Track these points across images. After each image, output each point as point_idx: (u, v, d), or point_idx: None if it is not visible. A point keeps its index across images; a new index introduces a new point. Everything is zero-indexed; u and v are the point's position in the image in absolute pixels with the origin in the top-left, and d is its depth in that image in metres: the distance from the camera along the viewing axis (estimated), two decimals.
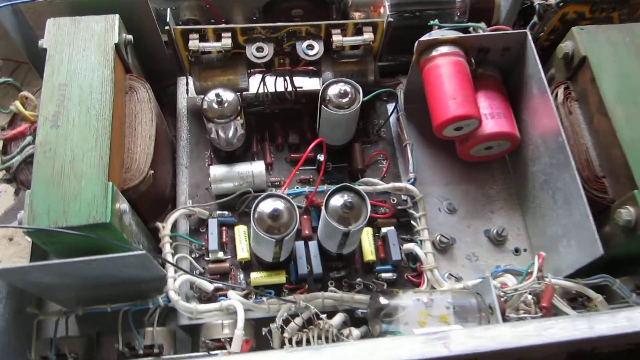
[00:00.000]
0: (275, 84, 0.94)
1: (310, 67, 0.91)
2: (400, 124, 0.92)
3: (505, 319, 0.66)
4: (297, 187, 0.88)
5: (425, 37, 0.83)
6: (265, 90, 0.94)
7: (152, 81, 0.99)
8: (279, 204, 0.71)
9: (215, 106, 0.79)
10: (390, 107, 0.97)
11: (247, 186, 0.85)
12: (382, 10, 0.91)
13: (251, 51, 0.84)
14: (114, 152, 0.72)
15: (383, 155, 0.92)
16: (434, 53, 0.83)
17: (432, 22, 0.87)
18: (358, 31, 0.85)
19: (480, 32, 0.87)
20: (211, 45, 0.83)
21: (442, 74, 0.81)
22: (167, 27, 0.81)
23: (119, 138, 0.76)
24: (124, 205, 0.71)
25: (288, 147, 0.92)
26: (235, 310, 0.73)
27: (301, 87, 0.96)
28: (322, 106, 0.81)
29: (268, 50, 0.84)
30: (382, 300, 0.68)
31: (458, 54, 0.82)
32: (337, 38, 0.84)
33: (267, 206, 0.71)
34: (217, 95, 0.79)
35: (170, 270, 0.76)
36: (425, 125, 0.92)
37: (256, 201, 0.72)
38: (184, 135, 0.92)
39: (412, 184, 0.86)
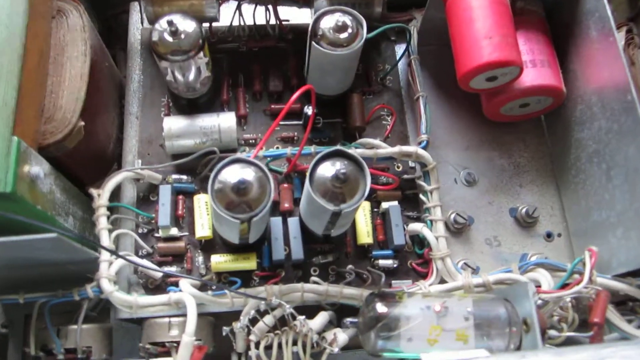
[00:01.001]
0: (255, 14, 0.74)
1: None
2: (412, 71, 0.72)
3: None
4: (277, 148, 0.69)
5: None
6: (242, 23, 0.73)
7: (99, 5, 0.79)
8: (248, 173, 0.53)
9: (168, 38, 0.59)
10: (400, 49, 0.77)
11: (211, 144, 0.66)
12: None
13: None
14: (26, 96, 0.54)
15: (388, 110, 0.73)
16: None
17: None
18: None
19: None
20: None
21: (474, 5, 0.61)
22: None
23: (36, 77, 0.57)
24: (36, 168, 0.53)
25: (268, 96, 0.72)
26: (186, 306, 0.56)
27: (287, 20, 0.75)
28: (313, 43, 0.62)
29: None
30: (380, 308, 0.50)
31: None
32: None
33: (231, 175, 0.53)
34: (170, 23, 0.59)
35: (105, 253, 0.58)
36: (443, 74, 0.72)
37: (217, 167, 0.53)
38: (136, 76, 0.72)
39: (424, 147, 0.68)
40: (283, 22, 0.74)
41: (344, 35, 0.61)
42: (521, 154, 0.74)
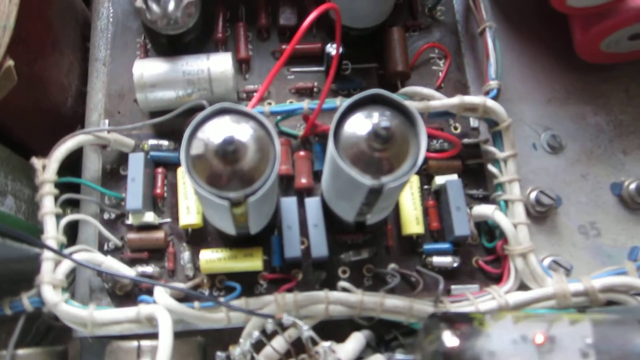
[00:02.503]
0: None
1: None
2: None
3: None
4: (291, 102, 0.51)
5: None
6: None
7: None
8: (242, 130, 0.35)
9: None
10: None
11: (199, 96, 0.48)
12: None
13: None
14: None
15: (440, 51, 0.54)
16: None
17: None
18: None
19: None
20: None
21: None
22: None
23: None
24: None
25: (278, 33, 0.54)
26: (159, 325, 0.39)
27: None
28: None
29: None
30: (450, 340, 0.32)
31: None
32: None
33: (215, 132, 0.34)
34: None
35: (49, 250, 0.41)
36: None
37: (194, 119, 0.35)
38: (104, 10, 0.54)
39: (494, 98, 0.49)
40: None
41: None
42: (624, 108, 0.54)
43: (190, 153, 0.35)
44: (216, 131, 0.34)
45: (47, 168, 0.44)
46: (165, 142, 0.49)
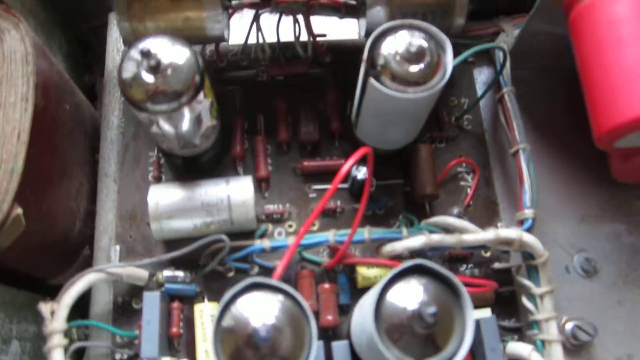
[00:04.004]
0: (278, 28, 0.53)
1: None
2: (506, 110, 0.50)
3: None
4: (314, 227, 0.48)
5: None
6: (260, 40, 0.52)
7: (68, 15, 0.58)
8: (274, 316, 0.32)
9: (145, 77, 0.38)
10: (480, 74, 0.55)
11: (218, 228, 0.45)
12: None
13: None
14: None
15: (468, 165, 0.52)
16: None
17: None
18: None
19: None
20: None
21: (627, 17, 0.39)
22: None
23: None
24: None
25: (299, 147, 0.51)
26: None
27: (324, 35, 0.54)
28: (371, 79, 0.40)
29: None
30: None
31: None
32: None
33: (242, 319, 0.32)
34: (147, 54, 0.37)
35: None
36: (542, 109, 0.52)
37: (222, 301, 0.32)
38: (115, 119, 0.52)
39: (530, 229, 0.46)
40: (318, 39, 0.53)
41: (418, 66, 0.40)
42: None
43: (218, 339, 0.32)
44: (243, 320, 0.32)
45: (56, 316, 0.41)
46: (180, 274, 0.46)
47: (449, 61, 0.40)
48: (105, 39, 0.57)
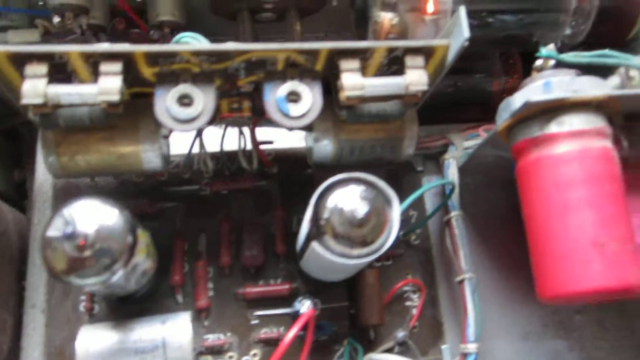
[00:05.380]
0: (223, 140, 0.50)
1: None
2: (453, 236, 0.50)
3: None
4: (255, 356, 0.47)
5: (537, 96, 0.39)
6: (203, 151, 0.50)
7: None
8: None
9: (70, 250, 0.35)
10: (429, 181, 0.54)
11: None
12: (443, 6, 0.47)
13: (166, 104, 0.38)
14: None
15: (415, 286, 0.51)
16: (554, 130, 0.39)
17: (544, 53, 0.43)
18: (393, 61, 0.41)
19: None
20: (75, 93, 0.37)
21: (573, 180, 0.39)
22: None
23: None
24: None
25: (241, 271, 0.49)
26: None
27: (271, 142, 0.52)
28: (313, 242, 0.38)
29: (203, 102, 0.39)
30: None
31: (602, 133, 0.40)
32: (351, 81, 0.39)
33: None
34: (68, 224, 0.34)
35: None
36: (486, 219, 0.52)
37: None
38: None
39: None
40: (265, 147, 0.51)
41: (363, 229, 0.38)
42: (597, 343, 0.53)
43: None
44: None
45: None
46: None
47: (395, 219, 0.39)
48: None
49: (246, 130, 0.50)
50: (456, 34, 0.40)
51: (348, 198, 0.38)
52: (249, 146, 0.50)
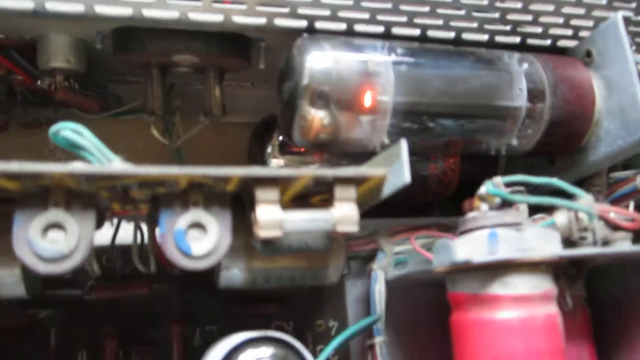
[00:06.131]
0: (115, 237, 0.42)
1: None
2: None
3: None
4: None
5: (481, 256, 0.33)
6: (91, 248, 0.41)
7: None
8: None
9: None
10: (355, 289, 0.49)
11: None
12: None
13: (28, 236, 0.30)
14: None
15: None
16: (497, 291, 0.34)
17: (491, 190, 0.37)
18: (319, 186, 0.34)
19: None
20: None
21: (515, 353, 0.34)
22: None
23: None
24: None
25: None
26: None
27: None
28: None
29: (77, 234, 0.31)
30: None
31: (548, 297, 0.35)
32: (267, 216, 0.32)
33: None
34: None
35: None
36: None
37: None
38: None
39: None
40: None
41: None
42: None
43: None
44: None
45: None
46: None
47: None
48: None
49: (144, 227, 0.42)
50: (395, 171, 0.34)
51: None
52: (145, 239, 0.43)
